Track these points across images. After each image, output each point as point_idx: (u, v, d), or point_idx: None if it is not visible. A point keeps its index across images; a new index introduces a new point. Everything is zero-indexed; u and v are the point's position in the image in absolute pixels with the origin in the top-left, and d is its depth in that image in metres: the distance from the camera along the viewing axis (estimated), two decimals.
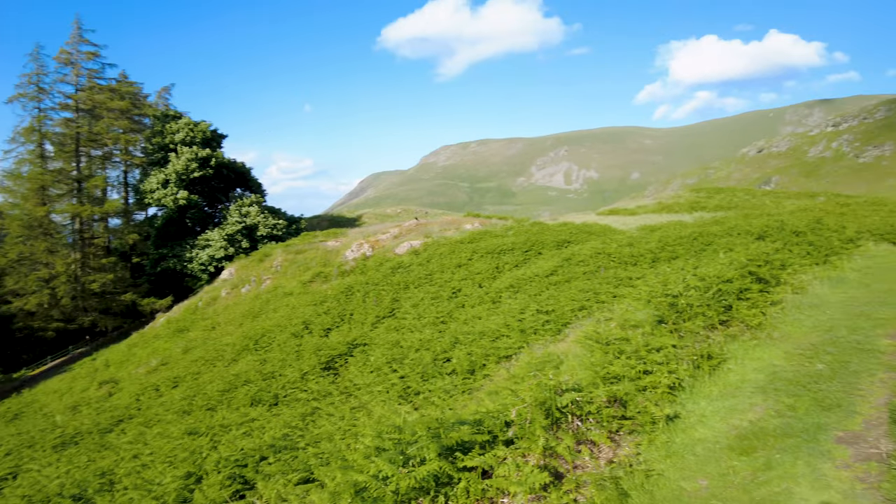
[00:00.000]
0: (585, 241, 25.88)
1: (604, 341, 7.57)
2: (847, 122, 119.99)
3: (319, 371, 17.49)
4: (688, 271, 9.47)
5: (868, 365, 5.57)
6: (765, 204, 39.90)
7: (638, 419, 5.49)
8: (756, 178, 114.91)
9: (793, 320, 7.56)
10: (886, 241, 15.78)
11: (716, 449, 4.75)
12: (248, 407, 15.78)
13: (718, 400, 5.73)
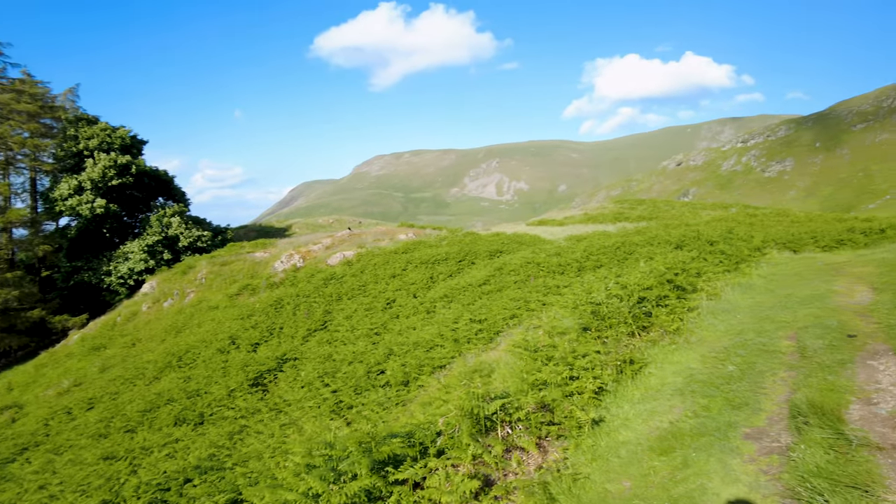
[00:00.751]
0: (516, 251, 26.42)
1: (532, 349, 7.75)
2: (754, 138, 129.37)
3: (247, 387, 16.88)
4: (610, 279, 9.87)
5: (771, 365, 6.00)
6: (683, 214, 42.23)
7: (565, 424, 5.65)
8: (675, 189, 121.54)
9: (707, 325, 8.03)
10: (788, 248, 17.07)
11: (638, 450, 4.96)
12: (172, 427, 15.01)
13: (640, 403, 5.99)
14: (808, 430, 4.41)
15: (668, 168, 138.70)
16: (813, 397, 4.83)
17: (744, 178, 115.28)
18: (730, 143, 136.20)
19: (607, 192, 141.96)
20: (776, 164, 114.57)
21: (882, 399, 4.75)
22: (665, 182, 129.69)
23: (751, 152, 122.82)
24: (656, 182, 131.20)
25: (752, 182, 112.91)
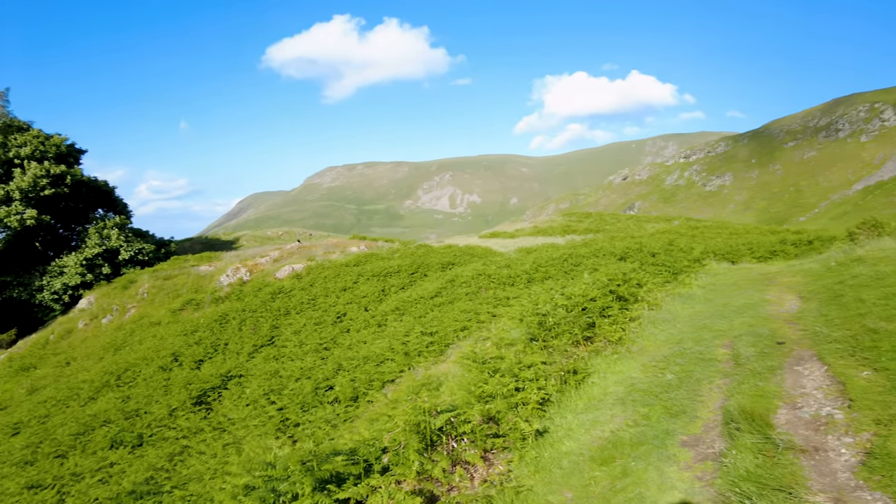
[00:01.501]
0: (468, 263, 26.55)
1: (480, 361, 7.76)
2: (696, 154, 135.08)
3: (190, 406, 16.26)
4: (557, 291, 10.03)
5: (708, 373, 6.21)
6: (629, 227, 43.52)
7: (510, 436, 5.67)
8: (621, 203, 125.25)
9: (648, 334, 8.25)
10: (727, 259, 17.81)
11: (580, 461, 5.02)
12: (108, 450, 14.25)
13: (583, 413, 6.08)
14: (739, 435, 4.57)
15: (614, 182, 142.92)
16: (744, 404, 5.02)
17: (686, 192, 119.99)
18: (673, 159, 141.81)
19: (557, 206, 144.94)
20: (716, 179, 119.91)
21: (806, 403, 4.98)
22: (612, 196, 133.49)
23: (693, 167, 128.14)
24: (603, 196, 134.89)
25: (694, 196, 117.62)
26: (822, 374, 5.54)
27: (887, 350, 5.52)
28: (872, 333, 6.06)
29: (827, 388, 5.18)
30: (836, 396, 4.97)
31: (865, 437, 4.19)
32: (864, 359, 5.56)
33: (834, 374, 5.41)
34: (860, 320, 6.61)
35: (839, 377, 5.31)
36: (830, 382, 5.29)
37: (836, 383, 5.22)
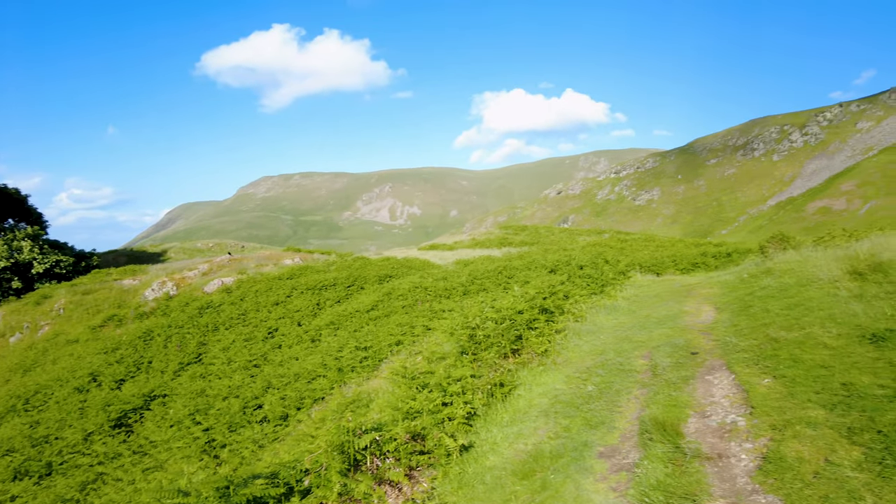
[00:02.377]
0: (406, 276, 26.47)
1: (410, 376, 7.72)
2: (626, 170, 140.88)
3: (108, 429, 15.31)
4: (487, 304, 10.15)
5: (626, 384, 6.43)
6: (562, 240, 44.72)
7: (435, 453, 5.65)
8: (556, 216, 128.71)
9: (573, 346, 8.48)
10: (651, 271, 18.59)
11: (503, 475, 5.06)
12: (10, 482, 13.16)
13: (509, 426, 6.15)
14: (652, 445, 4.75)
15: (549, 196, 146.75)
16: (658, 414, 5.22)
17: (617, 206, 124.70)
18: (604, 174, 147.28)
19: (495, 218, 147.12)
20: (645, 194, 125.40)
21: (714, 411, 5.24)
22: (547, 209, 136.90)
23: (623, 182, 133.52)
24: (539, 209, 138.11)
25: (624, 209, 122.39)
26: (730, 382, 5.85)
27: (785, 358, 5.90)
28: (774, 342, 6.47)
29: (733, 397, 5.47)
30: (740, 404, 5.26)
31: (763, 443, 4.44)
32: (766, 367, 5.92)
33: (740, 383, 5.72)
34: (765, 330, 7.04)
35: (744, 385, 5.62)
36: (736, 390, 5.59)
37: (741, 391, 5.52)
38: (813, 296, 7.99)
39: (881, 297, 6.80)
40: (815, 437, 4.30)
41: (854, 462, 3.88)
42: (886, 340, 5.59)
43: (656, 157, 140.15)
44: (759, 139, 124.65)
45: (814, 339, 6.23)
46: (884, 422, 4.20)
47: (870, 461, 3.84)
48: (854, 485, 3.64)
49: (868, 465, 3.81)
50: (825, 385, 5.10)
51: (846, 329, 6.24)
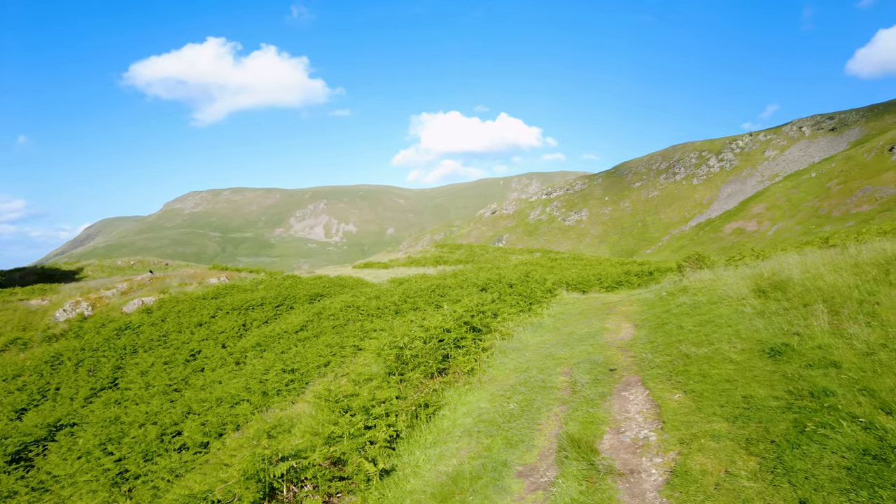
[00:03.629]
0: (338, 295, 26.04)
1: (334, 399, 7.53)
2: (556, 192, 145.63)
3: (3, 465, 14.02)
4: (417, 323, 10.11)
5: (547, 401, 6.53)
6: (496, 258, 45.41)
7: (355, 478, 5.51)
8: (491, 235, 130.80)
9: (499, 364, 8.55)
10: (578, 289, 19.14)
11: (422, 499, 4.98)
12: None
13: (432, 447, 6.09)
14: (568, 463, 4.82)
15: (484, 216, 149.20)
16: (574, 431, 5.32)
17: (548, 226, 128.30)
18: (536, 195, 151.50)
19: (431, 237, 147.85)
20: (574, 214, 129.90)
21: (628, 427, 5.40)
22: (482, 228, 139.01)
23: (553, 203, 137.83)
24: (474, 228, 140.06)
25: (555, 229, 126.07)
26: (645, 398, 6.06)
27: (695, 374, 6.18)
28: (686, 358, 6.77)
29: (646, 412, 5.66)
30: (652, 419, 5.45)
31: (671, 457, 4.61)
32: (677, 382, 6.17)
33: (653, 398, 5.94)
34: (678, 346, 7.37)
35: (657, 400, 5.84)
36: (650, 406, 5.79)
37: (654, 407, 5.73)
38: (722, 313, 8.45)
39: (779, 314, 7.28)
40: (717, 450, 4.50)
41: (750, 472, 4.08)
42: (782, 354, 5.96)
43: (585, 180, 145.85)
44: (681, 164, 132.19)
45: (721, 354, 6.57)
46: (777, 432, 4.46)
47: (763, 470, 4.06)
48: (749, 494, 3.83)
49: (762, 475, 4.02)
50: (729, 399, 5.37)
51: (749, 344, 6.62)
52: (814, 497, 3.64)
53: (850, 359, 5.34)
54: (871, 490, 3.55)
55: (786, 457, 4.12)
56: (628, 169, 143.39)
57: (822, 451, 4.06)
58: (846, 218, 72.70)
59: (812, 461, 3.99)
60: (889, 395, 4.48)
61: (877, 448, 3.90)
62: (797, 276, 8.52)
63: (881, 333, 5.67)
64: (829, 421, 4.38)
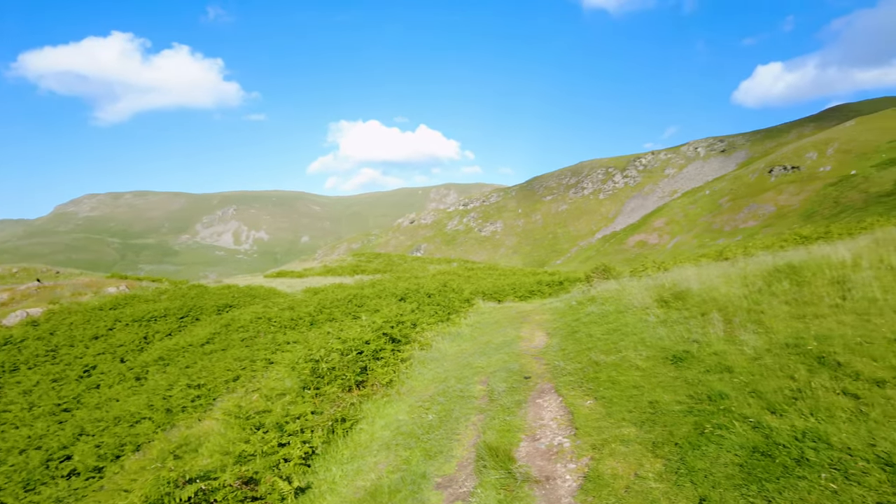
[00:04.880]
0: (248, 305, 25.06)
1: (244, 416, 7.22)
2: (473, 203, 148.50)
3: None
4: (333, 335, 9.91)
5: (465, 410, 6.60)
6: (414, 268, 45.46)
7: (268, 499, 5.29)
8: (409, 245, 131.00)
9: (418, 374, 8.55)
10: (494, 299, 19.53)
11: None
12: None
13: (349, 462, 5.97)
14: (486, 472, 4.89)
15: (402, 225, 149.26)
16: (492, 440, 5.41)
17: (465, 237, 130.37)
18: (454, 206, 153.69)
19: (348, 245, 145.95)
20: (490, 225, 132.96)
21: (543, 434, 5.56)
22: (400, 238, 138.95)
23: (470, 214, 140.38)
24: (393, 237, 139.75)
25: (472, 240, 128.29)
26: (558, 405, 6.26)
27: (605, 380, 6.48)
28: (596, 365, 7.08)
29: (560, 419, 5.86)
30: (566, 426, 5.64)
31: (584, 462, 4.80)
32: (588, 389, 6.44)
33: (566, 405, 6.16)
34: (588, 354, 7.69)
35: (570, 407, 6.06)
36: (563, 413, 6.00)
37: (567, 413, 5.94)
38: (628, 321, 8.93)
39: (680, 322, 7.80)
40: (627, 454, 4.74)
41: (657, 474, 4.33)
42: (683, 361, 6.39)
43: (500, 193, 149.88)
44: (588, 179, 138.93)
45: (628, 361, 6.92)
46: (680, 434, 4.76)
47: (668, 471, 4.32)
48: (656, 495, 4.06)
49: (667, 476, 4.27)
50: (636, 404, 5.67)
51: (654, 351, 7.03)
52: (712, 494, 3.91)
53: (742, 363, 5.81)
54: (760, 484, 3.87)
55: (688, 457, 4.40)
56: (540, 183, 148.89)
57: (718, 451, 4.37)
58: (735, 232, 79.21)
59: (710, 460, 4.29)
60: (773, 396, 4.91)
61: (764, 445, 4.26)
62: (695, 288, 9.18)
63: (766, 339, 6.21)
64: (724, 422, 4.74)
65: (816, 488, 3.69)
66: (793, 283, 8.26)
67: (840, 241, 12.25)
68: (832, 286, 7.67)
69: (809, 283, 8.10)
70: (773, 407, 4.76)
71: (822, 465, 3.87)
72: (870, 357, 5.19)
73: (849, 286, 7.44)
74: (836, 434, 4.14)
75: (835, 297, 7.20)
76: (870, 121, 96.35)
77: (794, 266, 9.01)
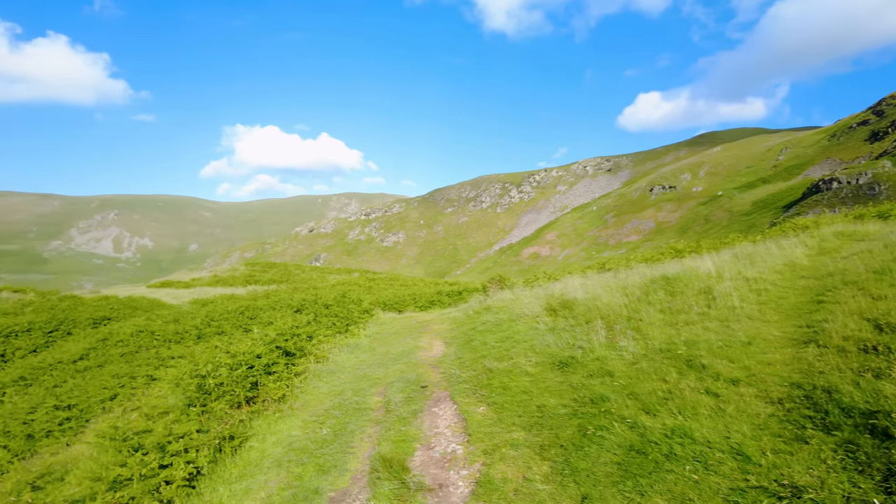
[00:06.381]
0: (129, 318, 23.25)
1: (121, 437, 6.65)
2: (375, 213, 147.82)
3: None
4: (221, 349, 9.43)
5: (361, 423, 6.54)
6: (312, 278, 44.32)
7: None
8: (308, 254, 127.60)
9: (313, 388, 8.34)
10: (394, 309, 19.51)
11: None
12: None
13: (237, 482, 5.69)
14: (380, 483, 4.87)
15: (301, 234, 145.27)
16: (386, 451, 5.40)
17: (367, 246, 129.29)
18: (355, 216, 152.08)
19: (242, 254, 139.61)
20: (392, 236, 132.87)
21: (438, 442, 5.64)
22: (298, 247, 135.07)
23: (372, 224, 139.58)
24: (290, 246, 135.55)
25: (373, 250, 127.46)
26: (453, 412, 6.38)
27: (497, 387, 6.70)
28: (489, 372, 7.30)
29: (455, 426, 5.97)
30: (460, 433, 5.76)
31: (476, 468, 4.92)
32: (482, 395, 6.62)
33: (461, 412, 6.29)
34: (482, 361, 7.91)
35: (464, 414, 6.19)
36: (458, 420, 6.12)
37: (461, 420, 6.06)
38: (520, 329, 9.29)
39: (567, 330, 8.24)
40: (516, 458, 4.92)
41: (543, 476, 4.54)
42: (569, 366, 6.75)
43: (402, 203, 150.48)
44: (487, 193, 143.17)
45: (519, 367, 7.20)
46: (565, 437, 5.03)
47: (554, 473, 4.54)
48: (542, 496, 4.25)
49: (553, 477, 4.49)
50: (526, 409, 5.91)
51: (543, 358, 7.37)
52: (593, 492, 4.17)
53: (621, 368, 6.25)
54: (635, 480, 4.18)
55: (572, 458, 4.66)
56: (442, 195, 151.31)
57: (599, 451, 4.67)
58: (620, 246, 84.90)
59: (592, 460, 4.57)
60: (648, 398, 5.33)
61: (639, 444, 4.61)
62: (581, 297, 9.74)
63: (643, 345, 6.72)
64: (605, 423, 5.07)
65: (682, 480, 4.04)
66: (667, 293, 9.01)
67: (708, 255, 13.54)
68: (700, 296, 8.46)
69: (681, 293, 8.87)
70: (648, 407, 5.16)
71: (687, 459, 4.25)
72: (728, 359, 5.78)
73: (713, 295, 8.25)
74: (699, 430, 4.57)
75: (702, 305, 7.95)
76: (732, 148, 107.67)
77: (669, 278, 9.84)
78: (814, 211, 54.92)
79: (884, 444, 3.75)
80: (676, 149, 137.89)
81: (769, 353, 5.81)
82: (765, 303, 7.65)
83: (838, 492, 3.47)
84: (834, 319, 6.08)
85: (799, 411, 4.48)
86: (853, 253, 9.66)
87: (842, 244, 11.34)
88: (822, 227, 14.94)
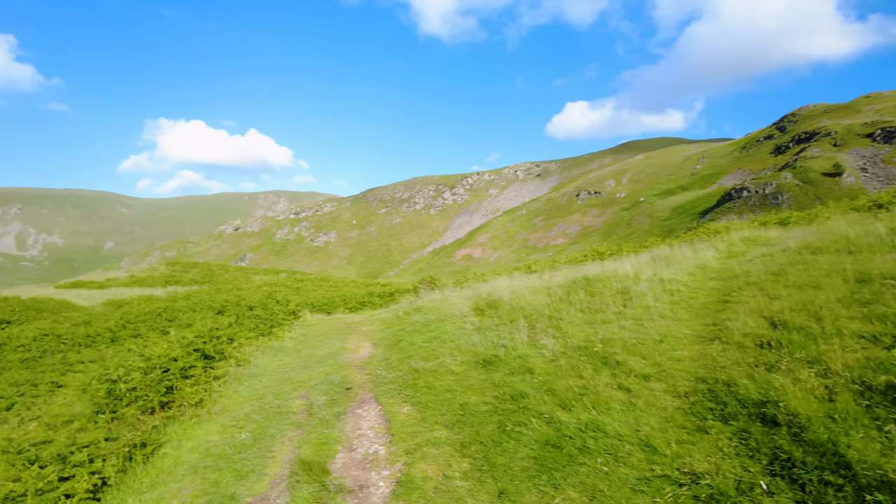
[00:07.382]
0: (33, 321, 21.61)
1: (15, 449, 6.17)
2: (305, 212, 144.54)
3: None
4: (134, 352, 8.94)
5: (282, 426, 6.38)
6: (237, 279, 42.80)
7: None
8: (233, 254, 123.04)
9: (233, 392, 8.05)
10: (322, 311, 19.15)
11: None
12: None
13: (148, 491, 5.41)
14: (299, 487, 4.78)
15: (225, 232, 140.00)
16: (306, 454, 5.30)
17: (296, 246, 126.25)
18: (284, 214, 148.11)
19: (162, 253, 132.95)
20: (323, 236, 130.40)
21: (360, 444, 5.60)
22: (223, 246, 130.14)
23: (302, 223, 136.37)
24: (214, 245, 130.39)
25: (303, 250, 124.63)
26: (377, 413, 6.35)
27: (422, 386, 6.73)
28: (415, 372, 7.32)
29: (378, 427, 5.94)
30: (383, 433, 5.74)
31: (398, 468, 4.92)
32: (406, 395, 6.63)
33: (384, 413, 6.27)
34: (409, 361, 7.92)
35: (387, 415, 6.18)
36: (381, 421, 6.09)
37: (385, 421, 6.04)
38: (448, 329, 9.37)
39: (492, 329, 8.39)
40: (437, 456, 4.96)
41: (463, 473, 4.60)
42: (492, 364, 6.88)
43: (334, 203, 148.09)
44: (420, 195, 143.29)
45: (445, 367, 7.26)
46: (485, 433, 5.12)
47: (473, 469, 4.62)
48: (461, 493, 4.31)
49: (472, 473, 4.56)
50: (449, 407, 5.97)
51: (468, 357, 7.47)
52: (510, 487, 4.27)
53: (541, 365, 6.43)
54: (550, 473, 4.32)
55: (491, 455, 4.75)
56: (375, 196, 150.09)
57: (517, 446, 4.78)
58: (548, 248, 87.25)
59: (510, 456, 4.67)
60: (565, 394, 5.52)
61: (555, 438, 4.76)
62: (507, 297, 9.95)
63: (562, 343, 6.95)
64: (523, 419, 5.20)
65: (594, 472, 4.22)
66: (587, 294, 9.36)
67: (627, 258, 14.17)
68: (618, 296, 8.84)
69: (600, 293, 9.24)
70: (565, 403, 5.34)
71: (599, 451, 4.44)
72: (641, 356, 6.08)
73: (630, 296, 8.64)
74: (611, 423, 4.78)
75: (619, 305, 8.31)
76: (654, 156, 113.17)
77: (589, 279, 10.22)
78: (726, 217, 58.69)
79: (771, 430, 4.07)
80: (602, 156, 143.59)
81: (678, 350, 6.16)
82: (677, 303, 8.10)
83: (731, 476, 3.73)
84: (736, 318, 6.51)
85: (702, 404, 4.77)
86: (756, 256, 10.38)
87: (747, 248, 12.17)
88: (732, 232, 15.97)
